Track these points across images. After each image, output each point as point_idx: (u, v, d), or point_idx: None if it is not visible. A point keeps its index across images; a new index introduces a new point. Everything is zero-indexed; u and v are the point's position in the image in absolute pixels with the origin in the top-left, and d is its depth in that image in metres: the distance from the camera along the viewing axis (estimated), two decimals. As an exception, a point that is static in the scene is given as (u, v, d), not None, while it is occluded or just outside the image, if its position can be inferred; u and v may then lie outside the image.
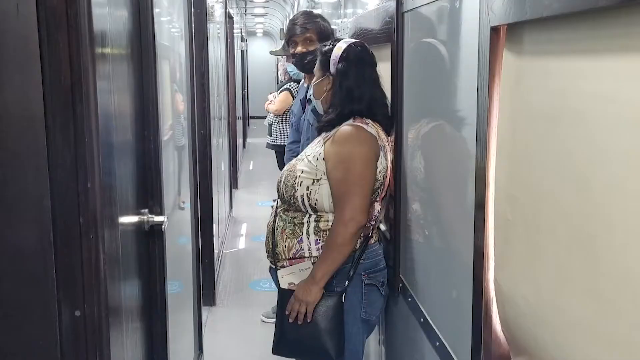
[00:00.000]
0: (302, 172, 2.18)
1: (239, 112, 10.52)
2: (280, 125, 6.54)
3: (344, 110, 2.19)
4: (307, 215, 2.19)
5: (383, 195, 2.25)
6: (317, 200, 2.15)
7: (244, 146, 11.94)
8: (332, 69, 2.26)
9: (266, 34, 17.71)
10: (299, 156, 2.32)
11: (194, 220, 3.43)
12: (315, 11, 5.59)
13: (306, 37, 2.90)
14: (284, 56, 6.36)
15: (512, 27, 1.18)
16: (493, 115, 1.29)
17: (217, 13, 4.43)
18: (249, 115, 15.39)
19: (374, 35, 2.50)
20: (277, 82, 12.31)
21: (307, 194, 2.16)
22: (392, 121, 2.24)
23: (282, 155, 6.31)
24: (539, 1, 1.02)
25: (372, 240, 2.24)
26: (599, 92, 0.90)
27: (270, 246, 2.28)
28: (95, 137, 1.34)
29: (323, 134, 2.26)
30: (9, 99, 1.26)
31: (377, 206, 2.23)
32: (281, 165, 6.60)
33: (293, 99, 6.24)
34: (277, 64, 15.72)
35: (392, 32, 2.17)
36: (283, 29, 11.62)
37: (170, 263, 2.28)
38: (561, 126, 1.02)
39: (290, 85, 6.25)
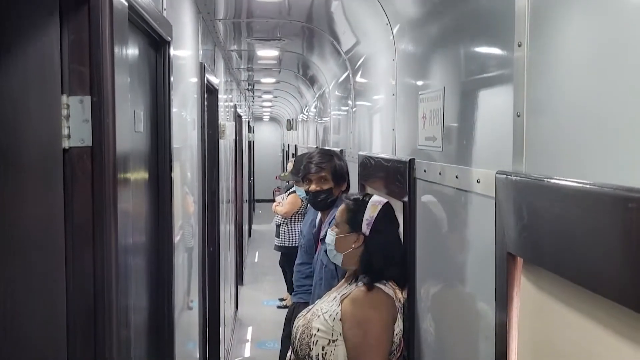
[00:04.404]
0: (318, 330, 2.16)
1: (245, 196, 10.63)
2: (289, 226, 6.58)
3: (378, 271, 2.20)
4: (321, 375, 2.16)
5: (399, 355, 2.23)
6: (332, 360, 2.13)
7: (250, 234, 11.93)
8: (365, 228, 2.27)
9: (273, 119, 18.07)
10: (314, 310, 2.30)
11: (201, 326, 3.41)
12: (331, 99, 5.70)
13: (321, 176, 2.95)
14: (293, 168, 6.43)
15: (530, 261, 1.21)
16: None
17: (228, 132, 4.55)
18: (255, 198, 15.49)
19: (386, 185, 2.54)
20: (283, 169, 12.47)
21: (322, 354, 2.14)
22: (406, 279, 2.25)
23: (289, 257, 6.34)
24: (559, 260, 1.04)
25: (386, 402, 2.20)
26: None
27: (282, 402, 2.24)
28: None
29: (340, 290, 2.27)
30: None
31: (392, 367, 2.21)
32: (287, 266, 6.60)
33: (302, 202, 6.30)
34: (284, 153, 15.96)
35: (404, 192, 2.21)
36: (290, 120, 11.89)
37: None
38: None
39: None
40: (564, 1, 1.15)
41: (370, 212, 2.27)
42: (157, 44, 2.04)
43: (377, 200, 2.32)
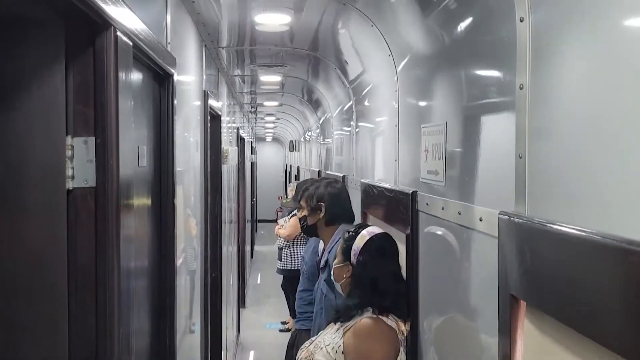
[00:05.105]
0: (321, 363, 2.15)
1: (248, 216, 10.62)
2: (291, 249, 6.57)
3: (367, 302, 2.19)
4: (323, 408, 2.14)
5: (401, 388, 2.21)
6: (333, 394, 2.11)
7: (252, 255, 11.88)
8: (353, 259, 2.28)
9: (275, 139, 18.12)
10: (316, 342, 2.29)
11: (203, 350, 3.39)
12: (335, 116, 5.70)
13: (300, 204, 3.04)
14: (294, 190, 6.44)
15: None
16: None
17: (231, 156, 4.57)
18: (257, 219, 15.47)
19: (388, 215, 2.55)
20: (286, 193, 12.47)
21: (324, 386, 2.13)
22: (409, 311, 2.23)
23: (291, 280, 6.31)
24: (560, 306, 1.04)
25: None
26: None
27: None
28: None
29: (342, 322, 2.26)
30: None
31: (394, 400, 2.19)
32: (289, 289, 6.58)
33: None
34: (287, 173, 16.00)
35: (406, 223, 2.21)
36: (293, 141, 11.92)
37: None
38: None
39: (300, 211, 6.32)
40: (565, 44, 1.16)
41: (358, 243, 2.28)
42: (161, 78, 2.06)
43: (369, 231, 2.32)
